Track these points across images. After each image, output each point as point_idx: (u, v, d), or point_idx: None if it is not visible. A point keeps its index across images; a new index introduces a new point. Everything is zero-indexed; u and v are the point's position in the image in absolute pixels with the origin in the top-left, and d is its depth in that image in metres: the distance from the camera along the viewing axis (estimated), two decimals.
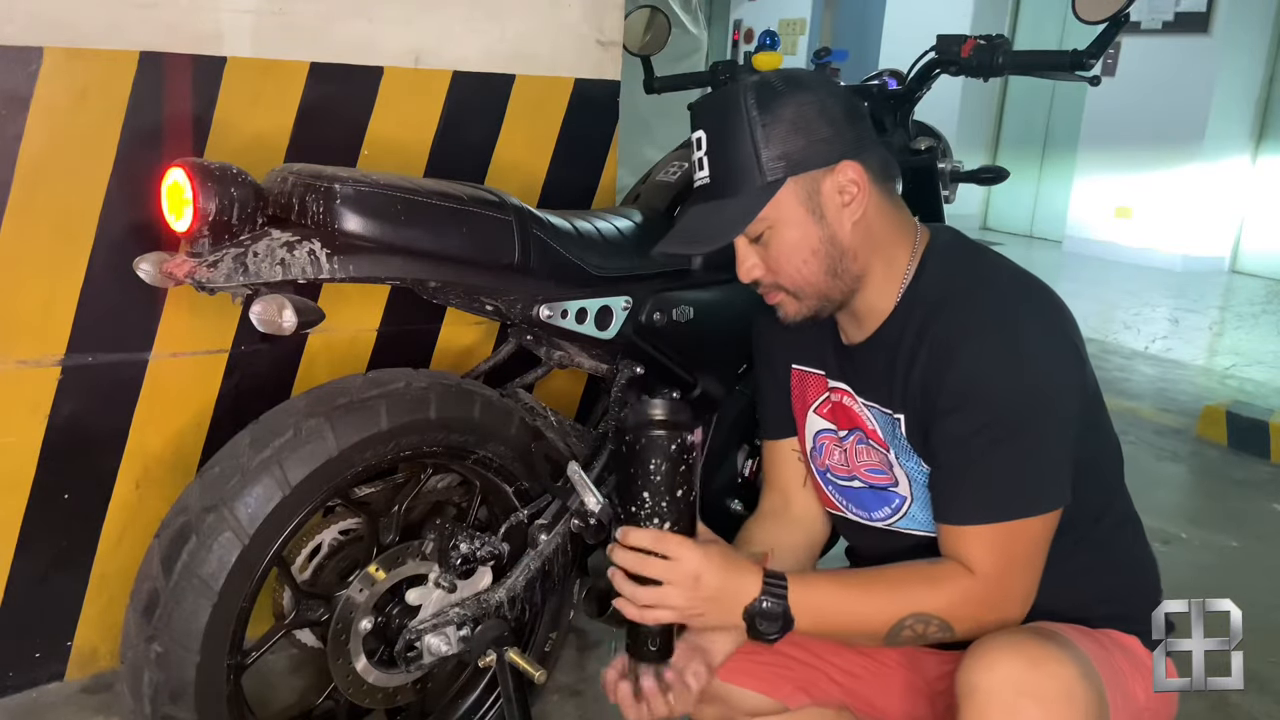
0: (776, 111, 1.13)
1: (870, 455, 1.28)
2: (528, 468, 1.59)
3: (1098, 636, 1.18)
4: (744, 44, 9.77)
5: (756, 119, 1.13)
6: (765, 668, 1.38)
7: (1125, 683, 1.16)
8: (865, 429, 1.27)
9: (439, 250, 1.39)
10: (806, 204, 1.15)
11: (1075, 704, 1.02)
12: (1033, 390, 1.11)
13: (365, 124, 1.88)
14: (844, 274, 1.19)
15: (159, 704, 1.32)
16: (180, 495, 1.37)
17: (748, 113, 1.13)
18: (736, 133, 1.14)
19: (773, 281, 1.21)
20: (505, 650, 1.55)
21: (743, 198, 1.15)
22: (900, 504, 1.26)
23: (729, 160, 1.15)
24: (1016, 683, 1.02)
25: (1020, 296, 1.17)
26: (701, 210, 1.20)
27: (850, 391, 1.29)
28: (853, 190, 1.16)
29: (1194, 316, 5.81)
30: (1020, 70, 1.87)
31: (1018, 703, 1.01)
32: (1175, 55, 6.99)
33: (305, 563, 1.57)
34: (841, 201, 1.16)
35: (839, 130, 1.15)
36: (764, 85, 1.15)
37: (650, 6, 2.23)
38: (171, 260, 1.34)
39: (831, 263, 1.17)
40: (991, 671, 1.04)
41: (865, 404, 1.26)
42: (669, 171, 1.81)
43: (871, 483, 1.29)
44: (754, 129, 1.13)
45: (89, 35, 1.60)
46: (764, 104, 1.13)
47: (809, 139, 1.14)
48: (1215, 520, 2.96)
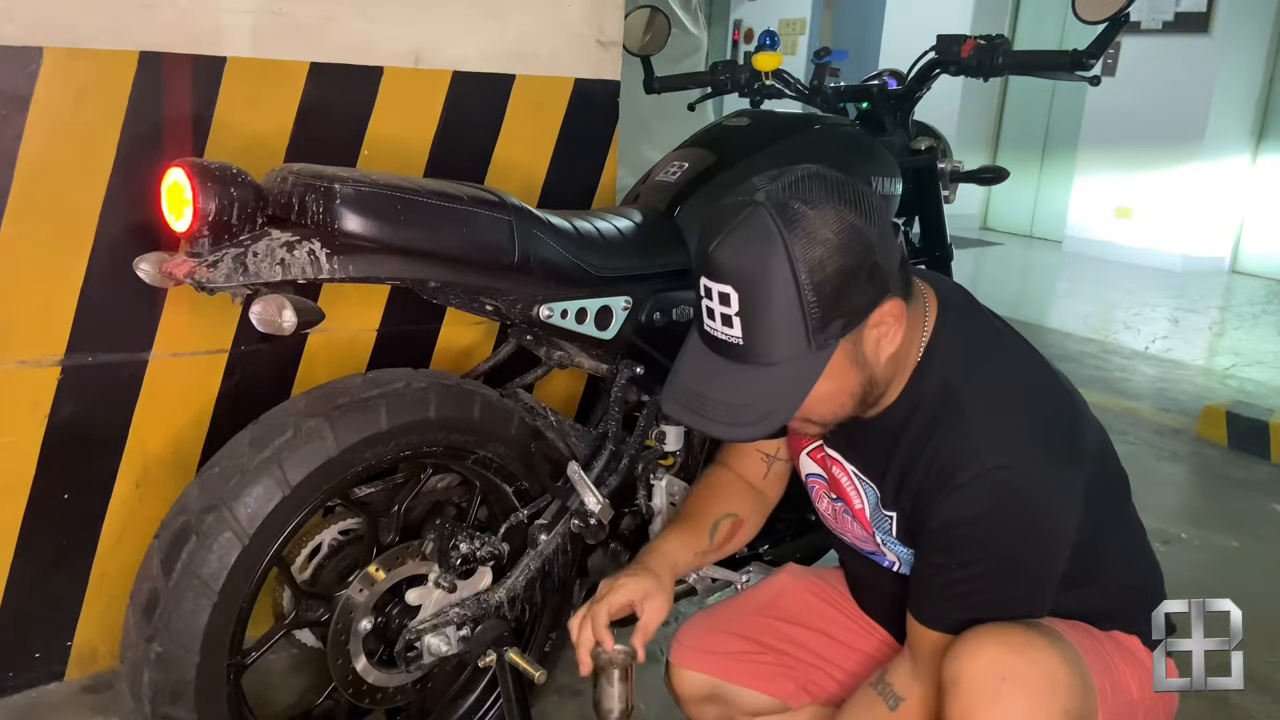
0: (821, 255, 0.98)
1: (856, 529, 1.28)
2: (528, 468, 1.59)
3: (1088, 629, 1.18)
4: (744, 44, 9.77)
5: (802, 272, 0.98)
6: (766, 667, 1.38)
7: (1117, 674, 1.16)
8: (851, 506, 1.26)
9: (439, 250, 1.39)
10: (852, 356, 1.07)
11: (1058, 689, 1.02)
12: (1023, 536, 1.09)
13: (365, 124, 1.88)
14: (872, 398, 1.13)
15: (159, 704, 1.32)
16: (180, 495, 1.37)
17: (791, 264, 0.98)
18: (780, 293, 0.99)
19: (801, 423, 1.14)
20: (505, 650, 1.55)
21: (786, 367, 1.03)
22: (891, 564, 1.28)
23: (770, 323, 1.01)
24: (1000, 668, 1.02)
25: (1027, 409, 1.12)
26: (730, 374, 1.05)
27: (842, 462, 1.26)
28: (891, 324, 1.07)
29: (1194, 316, 5.81)
30: (1020, 70, 1.87)
31: (1001, 688, 1.01)
32: (1175, 55, 6.99)
33: (305, 563, 1.57)
34: (878, 337, 1.07)
35: (878, 261, 1.02)
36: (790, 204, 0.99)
37: (650, 6, 2.22)
38: (171, 260, 1.34)
39: (867, 396, 1.12)
40: (975, 659, 1.04)
41: (858, 475, 1.24)
42: (669, 171, 1.81)
43: (860, 547, 1.31)
44: (801, 286, 0.98)
45: (89, 35, 1.60)
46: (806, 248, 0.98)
47: (857, 285, 1.01)
48: (1215, 520, 2.95)
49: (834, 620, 1.43)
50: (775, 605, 1.45)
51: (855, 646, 1.41)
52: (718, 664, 1.40)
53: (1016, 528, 1.09)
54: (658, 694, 1.89)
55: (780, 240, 0.98)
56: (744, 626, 1.42)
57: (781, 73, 2.18)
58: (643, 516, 1.73)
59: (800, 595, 1.46)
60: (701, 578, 1.77)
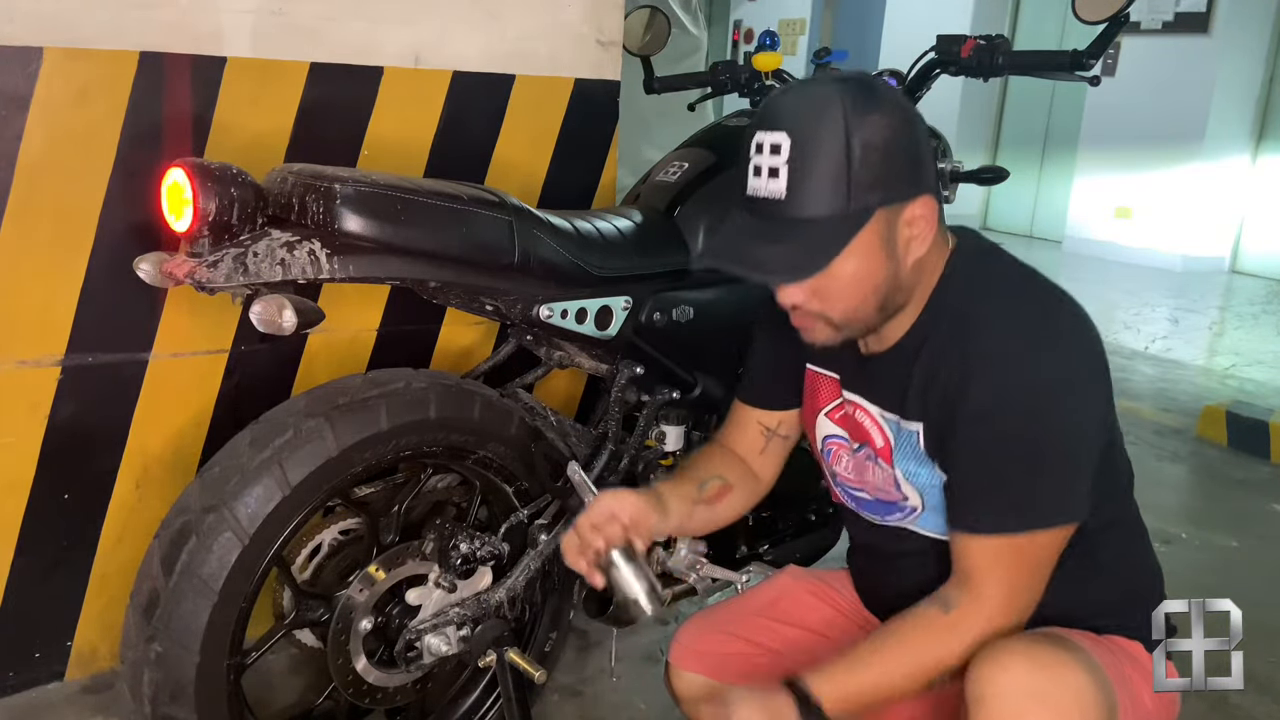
0: (875, 128, 1.02)
1: (878, 474, 1.27)
2: (528, 468, 1.59)
3: (1105, 643, 1.18)
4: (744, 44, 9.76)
5: (855, 134, 1.01)
6: (766, 668, 1.38)
7: (1132, 688, 1.16)
8: (874, 446, 1.25)
9: (439, 250, 1.39)
10: (884, 238, 1.07)
11: (1086, 709, 1.01)
12: (1059, 408, 1.08)
13: (365, 124, 1.88)
14: (891, 307, 1.14)
15: (159, 704, 1.32)
16: (180, 495, 1.37)
17: (847, 123, 1.02)
18: (830, 146, 1.02)
19: (818, 311, 1.13)
20: (505, 650, 1.55)
21: (825, 224, 1.04)
22: (911, 512, 1.26)
23: (816, 178, 1.03)
24: (1026, 687, 1.01)
25: (1051, 313, 1.13)
26: (768, 229, 1.07)
27: (864, 404, 1.26)
28: (923, 226, 1.09)
29: (1194, 316, 5.81)
30: (1020, 70, 1.87)
31: (1027, 706, 1.01)
32: (1175, 55, 6.99)
33: (305, 563, 1.57)
34: (910, 235, 1.09)
35: (924, 157, 1.07)
36: (862, 90, 1.04)
37: (650, 6, 2.22)
38: (171, 260, 1.34)
39: (887, 299, 1.12)
40: (1001, 677, 1.03)
41: (881, 414, 1.24)
42: (669, 171, 1.81)
43: (880, 498, 1.29)
44: (851, 145, 1.01)
45: (89, 35, 1.60)
46: (863, 113, 1.02)
47: (901, 165, 1.05)
48: (1215, 520, 2.95)
49: (834, 623, 1.43)
50: (775, 607, 1.44)
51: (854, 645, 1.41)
52: (716, 665, 1.39)
53: (1048, 411, 1.07)
54: (658, 694, 1.89)
55: (840, 101, 1.02)
56: (744, 628, 1.42)
57: (781, 73, 2.18)
58: None
59: (801, 597, 1.46)
60: (701, 578, 1.77)
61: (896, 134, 1.04)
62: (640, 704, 1.92)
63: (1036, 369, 1.08)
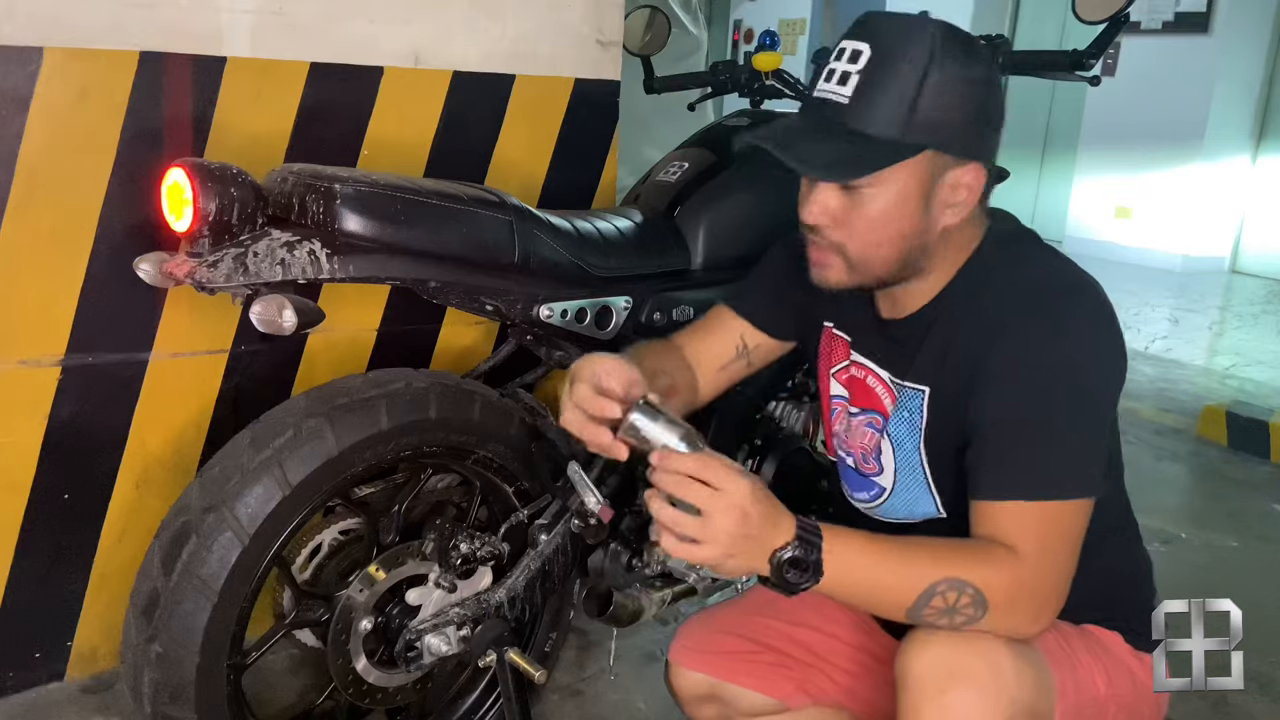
0: (955, 72, 1.03)
1: (866, 438, 1.27)
2: (528, 468, 1.59)
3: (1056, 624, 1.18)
4: (744, 44, 9.76)
5: (934, 69, 1.02)
6: (766, 667, 1.38)
7: (1081, 670, 1.15)
8: (877, 409, 1.24)
9: (439, 250, 1.39)
10: (925, 185, 1.07)
11: (1005, 681, 1.01)
12: (1083, 375, 1.07)
13: (365, 124, 1.88)
14: (909, 266, 1.13)
15: (159, 704, 1.32)
16: (180, 495, 1.37)
17: (932, 53, 1.03)
18: (906, 67, 1.03)
19: (837, 241, 1.11)
20: (505, 650, 1.55)
21: (875, 143, 1.04)
22: (879, 494, 1.26)
23: (884, 92, 1.03)
24: (945, 663, 1.02)
25: (1076, 293, 1.12)
26: (820, 128, 1.07)
27: (872, 367, 1.25)
28: (964, 195, 1.09)
29: (1194, 316, 5.81)
30: (1020, 70, 1.87)
31: (946, 683, 1.01)
32: (1175, 55, 6.99)
33: (305, 563, 1.57)
34: (950, 200, 1.09)
35: (990, 128, 1.09)
36: (956, 37, 1.05)
37: (650, 6, 2.22)
38: (171, 260, 1.34)
39: (908, 254, 1.11)
40: (921, 655, 1.03)
41: (890, 378, 1.22)
42: (669, 171, 1.81)
43: (858, 465, 1.29)
44: (928, 77, 1.02)
45: (89, 35, 1.60)
46: (948, 56, 1.03)
47: (967, 121, 1.06)
48: (1215, 520, 2.95)
49: (836, 620, 1.43)
50: (776, 605, 1.44)
51: (858, 647, 1.41)
52: (717, 664, 1.39)
53: (1070, 382, 1.06)
54: (658, 694, 1.89)
55: (933, 34, 1.03)
56: (744, 626, 1.42)
57: (781, 73, 2.18)
58: (643, 516, 1.73)
59: (801, 595, 1.46)
60: (701, 578, 1.77)
61: (974, 88, 1.05)
62: (640, 704, 1.92)
63: (1060, 341, 1.07)
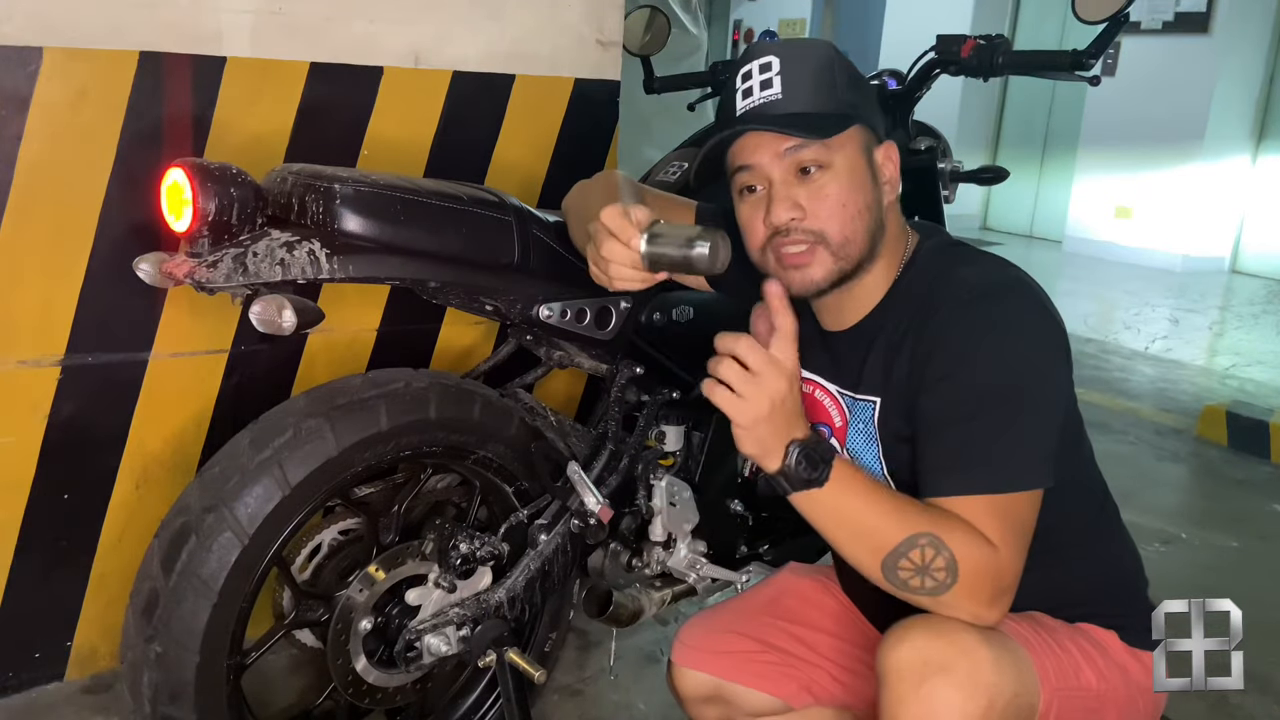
0: (848, 64, 1.16)
1: None
2: (528, 468, 1.59)
3: (1041, 619, 1.18)
4: (744, 44, 9.76)
5: (836, 57, 1.15)
6: (769, 667, 1.38)
7: (1069, 664, 1.15)
8: (832, 425, 1.27)
9: (439, 250, 1.39)
10: (866, 158, 1.15)
11: (983, 670, 1.02)
12: (1025, 364, 1.09)
13: (365, 124, 1.88)
14: (876, 245, 1.16)
15: (159, 704, 1.32)
16: (180, 495, 1.37)
17: (828, 49, 1.15)
18: (816, 60, 1.14)
19: (816, 229, 1.12)
20: (505, 650, 1.55)
21: (819, 116, 1.11)
22: None
23: (807, 79, 1.12)
24: (924, 656, 1.03)
25: (1005, 284, 1.14)
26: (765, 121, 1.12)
27: (821, 382, 1.28)
28: (891, 171, 1.18)
29: (1194, 316, 5.81)
30: (1020, 70, 1.87)
31: (925, 674, 1.02)
32: (1175, 55, 6.99)
33: (305, 563, 1.57)
34: (884, 175, 1.17)
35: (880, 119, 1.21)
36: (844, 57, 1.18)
37: (650, 6, 2.23)
38: (171, 260, 1.34)
39: (874, 229, 1.15)
40: (899, 648, 1.04)
41: (839, 391, 1.26)
42: (669, 171, 1.81)
43: None
44: (834, 64, 1.14)
45: (89, 35, 1.60)
46: (838, 53, 1.16)
47: (870, 103, 1.18)
48: (1215, 520, 2.96)
49: (837, 618, 1.43)
50: (777, 604, 1.45)
51: (859, 645, 1.41)
52: (719, 663, 1.39)
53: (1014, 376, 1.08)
54: (658, 694, 1.89)
55: (822, 44, 1.17)
56: (746, 626, 1.42)
57: None
58: (643, 516, 1.73)
59: (803, 594, 1.46)
60: (701, 578, 1.77)
61: (864, 81, 1.20)
62: (640, 704, 1.92)
63: (995, 337, 1.09)
